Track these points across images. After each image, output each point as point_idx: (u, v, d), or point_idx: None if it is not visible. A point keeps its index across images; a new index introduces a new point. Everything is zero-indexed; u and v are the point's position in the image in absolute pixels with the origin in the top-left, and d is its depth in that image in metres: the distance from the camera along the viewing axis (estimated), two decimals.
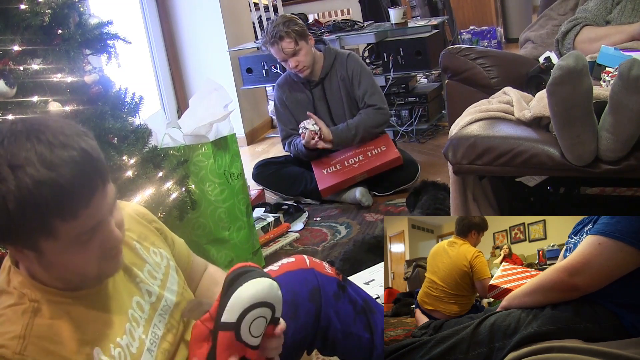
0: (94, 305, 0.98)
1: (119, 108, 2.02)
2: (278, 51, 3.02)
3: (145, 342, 1.01)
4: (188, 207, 2.19)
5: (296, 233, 2.81)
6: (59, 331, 0.91)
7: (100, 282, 0.99)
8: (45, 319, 0.91)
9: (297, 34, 2.99)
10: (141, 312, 1.04)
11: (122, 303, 1.02)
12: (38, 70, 1.81)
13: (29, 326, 0.89)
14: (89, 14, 2.02)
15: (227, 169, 2.38)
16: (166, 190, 2.05)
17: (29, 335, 0.88)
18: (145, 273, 1.10)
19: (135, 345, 0.99)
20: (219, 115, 2.33)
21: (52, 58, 1.83)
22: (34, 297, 0.92)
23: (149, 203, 1.94)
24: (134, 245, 1.12)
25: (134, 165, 1.96)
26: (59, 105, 1.83)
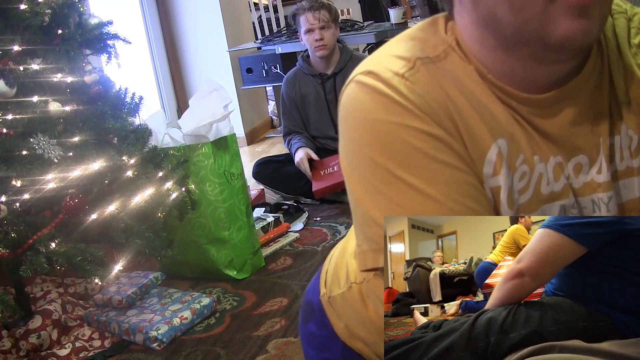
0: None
1: (119, 108, 2.02)
2: (313, 18, 3.06)
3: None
4: (188, 207, 2.19)
5: (296, 233, 2.81)
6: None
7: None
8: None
9: (335, 13, 3.11)
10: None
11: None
12: (38, 70, 1.81)
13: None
14: (89, 14, 2.03)
15: (227, 169, 2.38)
16: (166, 190, 2.05)
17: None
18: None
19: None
20: (219, 115, 2.33)
21: (52, 58, 1.84)
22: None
23: (149, 203, 1.94)
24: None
25: (134, 165, 1.96)
26: (59, 105, 1.83)
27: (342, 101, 0.75)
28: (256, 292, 2.30)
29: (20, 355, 1.93)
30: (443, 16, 0.79)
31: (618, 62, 0.76)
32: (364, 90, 0.72)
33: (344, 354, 1.00)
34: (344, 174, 0.76)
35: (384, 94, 0.70)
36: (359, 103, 0.72)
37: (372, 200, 0.71)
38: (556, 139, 0.74)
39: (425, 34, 0.77)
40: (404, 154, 0.68)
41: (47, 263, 1.67)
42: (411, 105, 0.69)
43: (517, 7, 0.65)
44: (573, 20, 0.63)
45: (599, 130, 0.75)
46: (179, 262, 2.36)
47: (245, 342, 1.97)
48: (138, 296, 2.19)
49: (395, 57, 0.73)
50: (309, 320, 1.05)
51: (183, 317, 2.07)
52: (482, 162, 0.71)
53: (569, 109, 0.74)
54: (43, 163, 1.74)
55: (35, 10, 1.79)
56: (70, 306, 2.18)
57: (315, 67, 3.19)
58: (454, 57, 0.74)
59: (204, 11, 4.33)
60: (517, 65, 0.71)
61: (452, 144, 0.69)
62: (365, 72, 0.73)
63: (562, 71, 0.72)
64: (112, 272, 1.85)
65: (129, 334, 2.03)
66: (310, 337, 1.05)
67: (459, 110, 0.71)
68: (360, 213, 0.73)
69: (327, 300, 1.00)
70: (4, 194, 1.70)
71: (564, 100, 0.73)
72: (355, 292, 0.94)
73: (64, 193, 1.77)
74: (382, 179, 0.69)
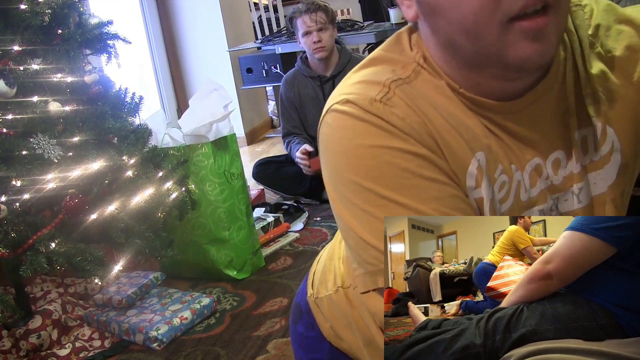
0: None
1: (119, 108, 2.02)
2: (310, 20, 3.05)
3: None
4: (188, 207, 2.19)
5: (296, 233, 2.81)
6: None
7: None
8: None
9: (332, 14, 3.10)
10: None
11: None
12: (38, 70, 1.81)
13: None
14: (89, 14, 2.03)
15: (227, 169, 2.38)
16: (166, 190, 2.05)
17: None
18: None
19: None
20: (219, 115, 2.33)
21: (52, 58, 1.84)
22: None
23: (149, 203, 1.94)
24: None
25: (134, 165, 1.96)
26: (59, 105, 1.83)
27: (323, 132, 0.77)
28: (256, 292, 2.30)
29: (20, 355, 1.93)
30: (406, 31, 0.80)
31: (581, 55, 0.78)
32: (343, 119, 0.73)
33: (331, 354, 1.01)
34: (332, 202, 0.77)
35: (364, 120, 0.72)
36: (340, 131, 0.73)
37: (362, 225, 0.72)
38: (531, 140, 0.76)
39: (392, 54, 0.78)
40: (390, 175, 0.70)
41: (47, 263, 1.67)
42: (393, 128, 0.71)
43: (473, 36, 0.67)
44: (528, 44, 0.65)
45: (570, 124, 0.77)
46: (179, 262, 2.36)
47: (245, 342, 1.97)
48: (138, 296, 2.19)
49: (369, 83, 0.75)
50: (298, 321, 1.06)
51: (183, 317, 2.07)
52: (464, 176, 0.74)
53: (540, 110, 0.76)
54: (43, 163, 1.74)
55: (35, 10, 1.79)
56: (70, 306, 2.18)
57: (314, 69, 3.19)
58: (424, 74, 0.75)
59: (204, 11, 4.33)
60: (484, 81, 0.73)
61: (436, 161, 0.71)
62: (342, 101, 0.74)
63: (528, 82, 0.74)
64: (112, 272, 1.85)
65: (129, 334, 2.04)
66: (299, 338, 1.07)
67: (437, 128, 0.73)
68: (352, 238, 0.75)
69: (314, 301, 1.01)
70: (4, 194, 1.70)
71: (534, 103, 0.75)
72: (342, 296, 0.95)
73: (64, 193, 1.77)
74: (371, 202, 0.71)
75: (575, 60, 0.77)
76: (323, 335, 1.01)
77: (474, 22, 0.65)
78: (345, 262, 0.96)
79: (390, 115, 0.71)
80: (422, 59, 0.76)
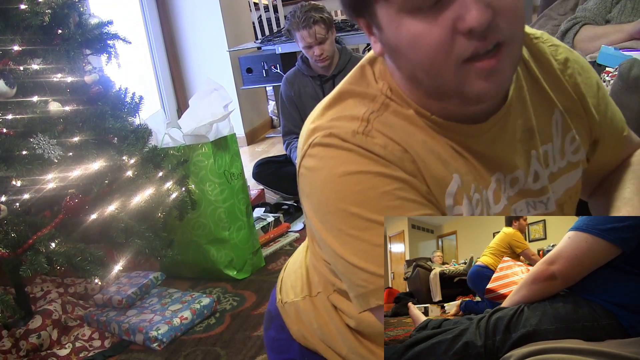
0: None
1: (119, 108, 2.02)
2: (309, 36, 2.97)
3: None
4: (188, 207, 2.19)
5: (296, 233, 2.81)
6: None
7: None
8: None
9: (329, 21, 3.01)
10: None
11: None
12: (38, 70, 1.81)
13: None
14: (89, 14, 2.03)
15: (227, 169, 2.38)
16: (166, 190, 2.05)
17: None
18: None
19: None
20: (219, 115, 2.33)
21: (52, 58, 1.84)
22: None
23: (149, 203, 1.94)
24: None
25: (134, 165, 1.96)
26: (59, 105, 1.83)
27: (306, 165, 0.79)
28: (256, 292, 2.30)
29: (20, 355, 1.93)
30: (368, 63, 0.84)
31: (543, 77, 0.86)
32: (327, 150, 0.77)
33: (301, 353, 1.05)
34: (317, 232, 0.80)
35: (349, 150, 0.76)
36: (327, 161, 0.77)
37: (349, 249, 0.76)
38: (495, 159, 0.82)
39: (359, 87, 0.82)
40: (374, 198, 0.74)
41: (47, 263, 1.67)
42: (375, 157, 0.75)
43: (432, 74, 0.71)
44: (483, 81, 0.70)
45: (531, 143, 0.85)
46: (179, 262, 2.36)
47: (245, 342, 1.97)
48: (138, 296, 2.19)
49: (348, 117, 0.78)
50: (269, 327, 1.10)
51: (183, 317, 2.07)
52: (443, 197, 0.79)
53: (502, 133, 0.82)
54: (43, 163, 1.74)
55: (35, 10, 1.79)
56: (70, 306, 2.18)
57: (314, 69, 3.19)
58: (393, 106, 0.79)
59: (204, 11, 4.33)
60: (449, 107, 0.77)
61: (416, 185, 0.77)
62: (325, 134, 0.77)
63: (490, 107, 0.80)
64: (112, 272, 1.85)
65: (129, 334, 2.04)
66: (271, 342, 1.10)
67: (418, 154, 0.78)
68: (340, 264, 0.78)
69: (282, 305, 1.05)
70: (4, 194, 1.70)
71: (497, 125, 0.81)
72: (308, 304, 0.99)
73: (64, 193, 1.77)
74: (357, 226, 0.75)
75: (537, 82, 0.85)
76: (292, 336, 1.05)
77: (431, 64, 0.70)
78: (313, 271, 0.99)
79: (373, 145, 0.76)
80: (389, 90, 0.80)
